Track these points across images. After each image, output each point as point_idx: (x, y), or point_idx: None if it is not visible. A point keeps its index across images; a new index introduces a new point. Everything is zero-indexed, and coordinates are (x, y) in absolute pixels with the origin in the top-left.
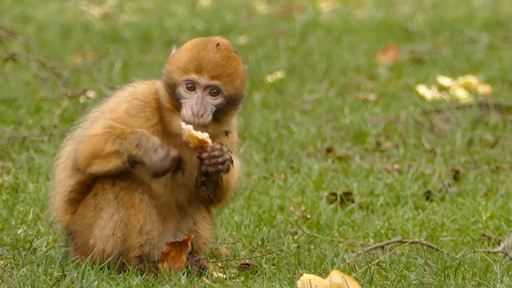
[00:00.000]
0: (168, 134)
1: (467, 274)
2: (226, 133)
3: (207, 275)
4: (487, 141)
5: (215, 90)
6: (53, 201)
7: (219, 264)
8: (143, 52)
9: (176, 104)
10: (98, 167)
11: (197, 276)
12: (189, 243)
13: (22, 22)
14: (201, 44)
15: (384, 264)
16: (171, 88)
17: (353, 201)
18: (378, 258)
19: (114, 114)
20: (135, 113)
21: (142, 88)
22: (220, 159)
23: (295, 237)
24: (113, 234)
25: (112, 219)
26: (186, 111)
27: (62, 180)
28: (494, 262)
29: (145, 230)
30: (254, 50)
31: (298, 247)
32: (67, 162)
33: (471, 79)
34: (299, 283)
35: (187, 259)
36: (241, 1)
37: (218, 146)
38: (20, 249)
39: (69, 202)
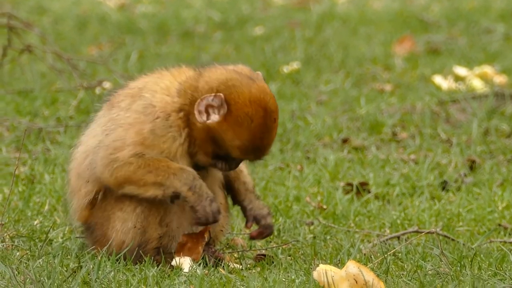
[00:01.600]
0: (189, 153)
1: (483, 264)
2: None
3: (223, 266)
4: (503, 131)
5: None
6: (71, 203)
7: (235, 255)
8: (159, 43)
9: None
10: (131, 191)
11: (213, 267)
12: (206, 235)
13: (38, 14)
14: (263, 122)
15: (400, 254)
16: (217, 145)
17: (369, 192)
18: (394, 248)
19: (138, 136)
20: (162, 133)
21: (160, 102)
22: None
23: (311, 227)
24: (134, 227)
25: (135, 212)
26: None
27: (80, 187)
28: (510, 252)
29: (165, 222)
30: (270, 41)
31: (314, 237)
32: (82, 171)
33: (487, 69)
34: (315, 273)
35: (204, 250)
36: None
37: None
38: (36, 240)
39: (90, 203)
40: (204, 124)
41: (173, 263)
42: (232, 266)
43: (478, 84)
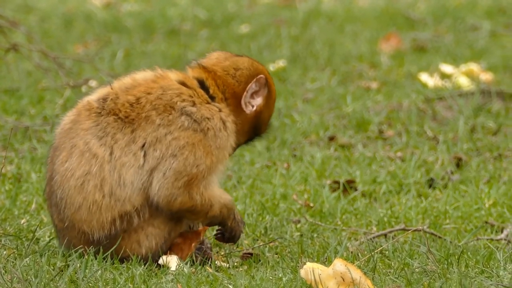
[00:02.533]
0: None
1: (470, 262)
2: None
3: (210, 264)
4: (489, 129)
5: None
6: (90, 214)
7: (222, 253)
8: (145, 42)
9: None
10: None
11: (200, 265)
12: (202, 234)
13: (24, 12)
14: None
15: (387, 252)
16: (257, 128)
17: (356, 189)
18: (381, 246)
19: (209, 156)
20: (224, 144)
21: (209, 111)
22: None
23: (298, 225)
24: (159, 242)
25: (165, 229)
26: None
27: (106, 204)
28: (497, 249)
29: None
30: (256, 39)
31: (301, 235)
32: (114, 189)
33: (473, 67)
34: (302, 271)
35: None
36: None
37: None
38: (23, 239)
39: (120, 218)
40: (252, 113)
41: (160, 261)
42: (219, 265)
43: (464, 82)
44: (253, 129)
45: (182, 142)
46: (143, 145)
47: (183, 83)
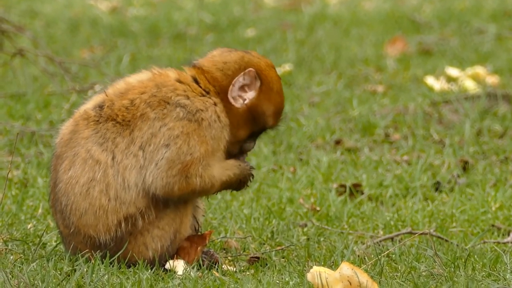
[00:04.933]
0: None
1: (476, 265)
2: None
3: (217, 269)
4: (495, 132)
5: None
6: (96, 218)
7: (229, 257)
8: (151, 46)
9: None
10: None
11: (207, 269)
12: (208, 238)
13: (30, 17)
14: (280, 81)
15: (393, 255)
16: (256, 122)
17: (362, 193)
18: (388, 249)
19: (203, 145)
20: (219, 135)
21: (204, 104)
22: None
23: (305, 229)
24: (164, 244)
25: (170, 231)
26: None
27: (111, 207)
28: (503, 252)
29: (186, 235)
30: (262, 43)
31: (308, 239)
32: (119, 192)
33: (479, 70)
34: (309, 275)
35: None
36: None
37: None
38: (30, 244)
39: (125, 221)
40: (243, 107)
41: (167, 266)
42: (226, 269)
43: (470, 85)
44: (251, 122)
45: (176, 132)
46: (141, 145)
47: (178, 80)
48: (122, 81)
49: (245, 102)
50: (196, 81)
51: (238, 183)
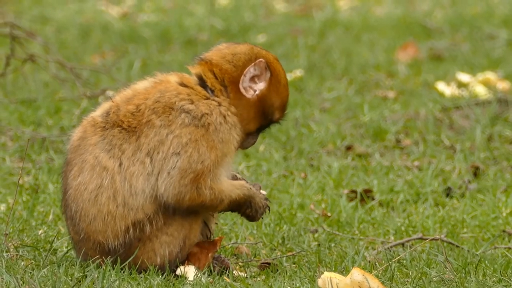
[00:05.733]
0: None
1: (487, 271)
2: None
3: (228, 274)
4: (506, 137)
5: None
6: (105, 224)
7: (240, 263)
8: (162, 52)
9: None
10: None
11: (218, 275)
12: (219, 244)
13: (41, 23)
14: (286, 75)
15: (404, 261)
16: (265, 114)
17: (373, 199)
18: (399, 255)
19: (213, 151)
20: (227, 138)
21: (209, 107)
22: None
23: (316, 235)
24: (173, 251)
25: (180, 237)
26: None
27: (119, 213)
28: None
29: (196, 241)
30: (273, 49)
31: (319, 245)
32: (126, 199)
33: (490, 75)
34: (320, 281)
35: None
36: None
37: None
38: (41, 250)
39: (133, 227)
40: (254, 98)
41: (178, 271)
42: (237, 274)
43: (481, 91)
44: (260, 114)
45: (184, 140)
46: (148, 152)
47: (181, 84)
48: (129, 88)
49: (256, 93)
50: (201, 79)
51: (248, 206)
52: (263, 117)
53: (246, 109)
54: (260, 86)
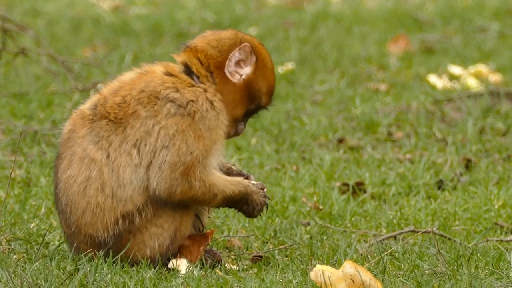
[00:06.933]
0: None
1: (480, 263)
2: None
3: (220, 267)
4: (498, 130)
5: None
6: (95, 217)
7: (232, 256)
8: (153, 45)
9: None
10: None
11: (210, 268)
12: (210, 237)
13: (32, 16)
14: (271, 60)
15: (396, 254)
16: (252, 99)
17: (365, 191)
18: (391, 248)
19: (200, 140)
20: (215, 124)
21: (194, 94)
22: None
23: (308, 228)
24: (164, 243)
25: (170, 229)
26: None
27: (108, 204)
28: (506, 250)
29: (188, 234)
30: (264, 41)
31: (311, 238)
32: (115, 190)
33: (482, 68)
34: (312, 274)
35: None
36: None
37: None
38: (33, 243)
39: (123, 218)
40: (240, 83)
41: (170, 265)
42: (229, 267)
43: (473, 83)
44: (247, 99)
45: (171, 131)
46: (135, 143)
47: (166, 73)
48: (116, 80)
49: (242, 77)
50: (187, 66)
51: (244, 203)
52: (250, 101)
53: (233, 94)
54: (246, 70)
